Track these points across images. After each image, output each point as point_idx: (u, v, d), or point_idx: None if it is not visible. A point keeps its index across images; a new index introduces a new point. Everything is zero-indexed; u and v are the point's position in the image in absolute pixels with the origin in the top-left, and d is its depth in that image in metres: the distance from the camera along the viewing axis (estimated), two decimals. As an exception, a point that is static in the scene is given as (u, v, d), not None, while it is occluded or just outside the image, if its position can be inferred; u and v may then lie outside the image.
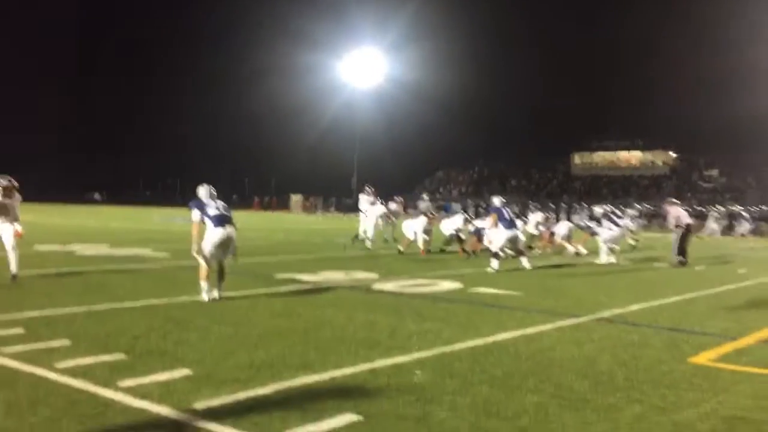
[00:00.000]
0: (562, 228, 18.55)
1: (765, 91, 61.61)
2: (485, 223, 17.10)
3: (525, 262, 13.43)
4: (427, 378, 5.06)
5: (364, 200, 21.30)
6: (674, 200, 17.61)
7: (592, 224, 17.02)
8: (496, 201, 14.30)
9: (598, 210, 17.68)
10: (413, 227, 17.42)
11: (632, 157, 71.57)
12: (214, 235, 8.59)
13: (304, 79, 73.15)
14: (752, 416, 4.36)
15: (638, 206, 38.86)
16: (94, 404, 4.24)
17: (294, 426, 3.95)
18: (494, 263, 13.00)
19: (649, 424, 4.15)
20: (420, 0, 71.94)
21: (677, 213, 16.06)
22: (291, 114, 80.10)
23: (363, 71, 60.95)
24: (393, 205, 23.08)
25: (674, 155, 69.28)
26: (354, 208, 29.68)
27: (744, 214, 26.34)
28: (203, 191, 9.01)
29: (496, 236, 13.52)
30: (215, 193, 9.06)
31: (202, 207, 8.77)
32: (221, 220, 8.67)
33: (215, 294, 8.44)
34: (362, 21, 75.68)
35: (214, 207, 8.78)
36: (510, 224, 13.50)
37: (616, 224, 16.42)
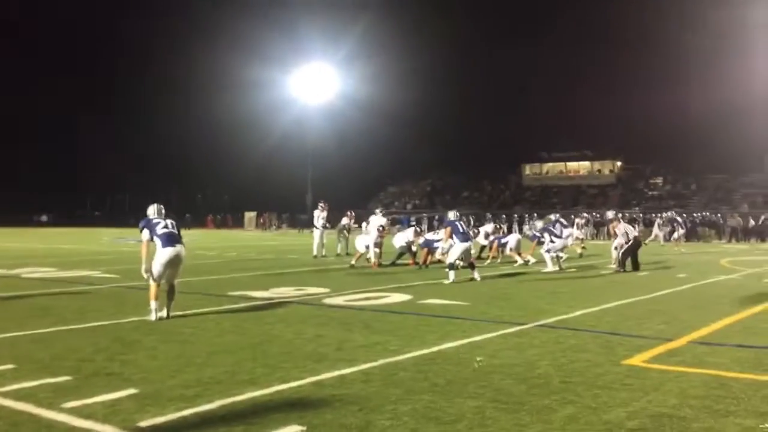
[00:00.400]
0: (511, 239, 18.97)
1: (706, 100, 63.83)
2: (437, 236, 17.40)
3: (476, 274, 13.69)
4: (370, 388, 5.19)
5: (318, 216, 21.50)
6: (618, 217, 18.18)
7: (539, 234, 17.43)
8: (451, 215, 14.57)
9: (538, 223, 18.29)
10: (365, 241, 17.61)
11: (581, 167, 73.20)
12: (163, 254, 8.59)
13: (254, 94, 72.98)
14: (678, 413, 4.60)
15: (586, 215, 39.75)
16: (37, 426, 4.26)
17: (238, 439, 4.04)
18: (451, 275, 13.23)
19: (580, 424, 4.36)
20: (371, 16, 72.65)
21: (624, 229, 16.63)
22: (241, 129, 79.64)
23: (313, 86, 61.04)
24: (345, 220, 23.28)
25: (620, 164, 71.09)
26: (309, 224, 29.81)
27: (678, 219, 27.18)
28: (152, 210, 9.03)
29: (452, 249, 13.77)
30: (164, 212, 9.08)
31: (151, 226, 8.77)
32: (170, 239, 8.68)
33: (163, 313, 8.44)
34: (312, 36, 75.93)
35: (162, 225, 8.79)
36: (465, 237, 13.77)
37: (559, 234, 16.87)
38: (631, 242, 16.18)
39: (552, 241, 16.49)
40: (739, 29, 54.54)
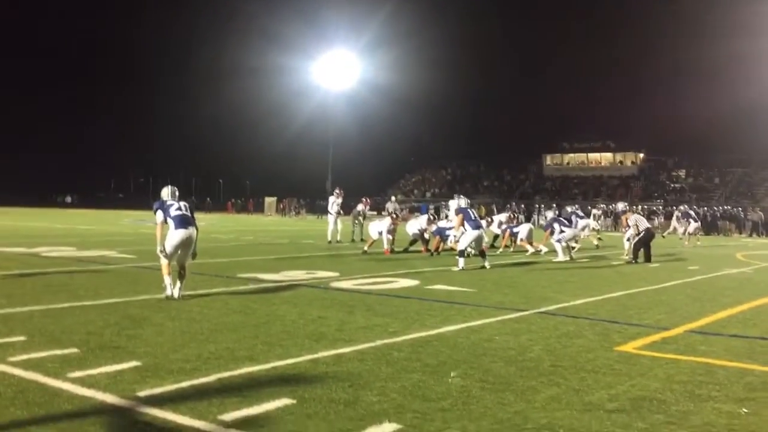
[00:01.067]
0: (523, 229, 19.01)
1: (730, 94, 62.97)
2: (449, 223, 17.51)
3: (486, 262, 13.80)
4: (364, 366, 5.37)
5: (333, 202, 21.72)
6: (629, 209, 18.33)
7: (550, 224, 17.49)
8: (462, 202, 14.70)
9: (549, 213, 18.40)
10: (378, 227, 17.79)
11: (602, 158, 72.68)
12: (175, 235, 8.80)
13: (278, 81, 73.44)
14: (659, 396, 4.72)
15: (603, 206, 39.58)
16: (42, 393, 4.49)
17: (230, 410, 4.23)
18: (461, 262, 13.35)
19: (561, 404, 4.50)
20: (393, 4, 72.54)
21: (635, 221, 16.62)
22: (264, 116, 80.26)
23: (336, 74, 61.12)
24: (360, 206, 23.48)
25: (643, 156, 70.47)
26: (327, 210, 30.11)
27: (690, 212, 26.97)
28: (166, 192, 9.23)
29: (463, 236, 13.88)
30: (178, 194, 9.29)
31: (165, 208, 8.98)
32: (183, 221, 8.88)
33: (175, 293, 8.66)
34: (335, 24, 76.03)
35: (176, 208, 8.99)
36: (476, 224, 13.88)
37: (568, 224, 16.94)
38: (642, 234, 16.18)
39: (562, 231, 16.54)
40: (764, 27, 53.63)
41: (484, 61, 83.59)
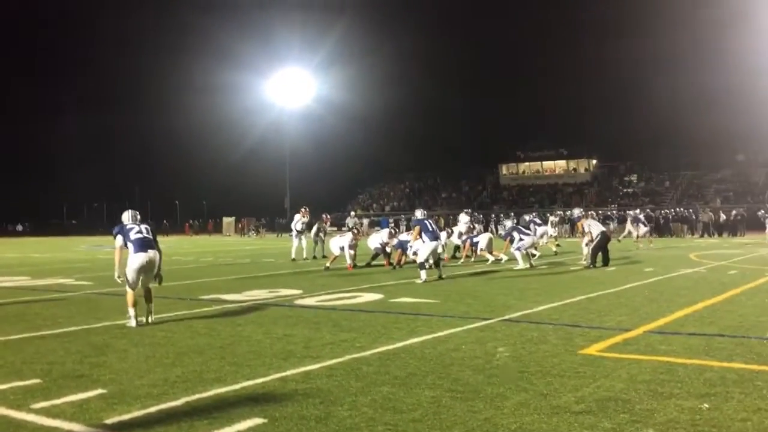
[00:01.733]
0: (482, 239, 19.19)
1: (678, 98, 64.82)
2: (410, 236, 17.62)
3: (440, 271, 13.95)
4: (333, 382, 5.37)
5: (298, 220, 21.69)
6: (583, 214, 18.75)
7: (509, 233, 17.74)
8: (419, 214, 14.85)
9: (507, 222, 18.80)
10: (339, 243, 17.79)
11: (556, 166, 73.95)
12: (135, 259, 8.65)
13: (231, 99, 73.10)
14: (623, 396, 4.84)
15: (560, 213, 40.27)
16: (7, 425, 4.39)
17: (201, 432, 4.20)
18: (423, 274, 13.41)
19: (530, 409, 4.58)
20: (346, 22, 73.08)
21: (589, 226, 16.94)
22: (218, 134, 79.68)
23: (290, 91, 61.11)
24: (320, 223, 23.46)
25: (595, 163, 71.92)
26: (287, 229, 30.07)
27: (640, 217, 27.72)
28: (126, 216, 9.07)
29: (421, 248, 13.96)
30: (139, 217, 9.15)
31: (124, 232, 8.83)
32: (143, 245, 8.72)
33: (143, 319, 8.48)
34: (288, 42, 75.93)
35: (136, 231, 8.84)
36: (434, 236, 13.97)
37: (527, 232, 17.24)
38: (598, 238, 16.51)
39: (521, 239, 16.80)
40: (711, 27, 55.48)
41: (436, 76, 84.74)
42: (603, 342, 6.84)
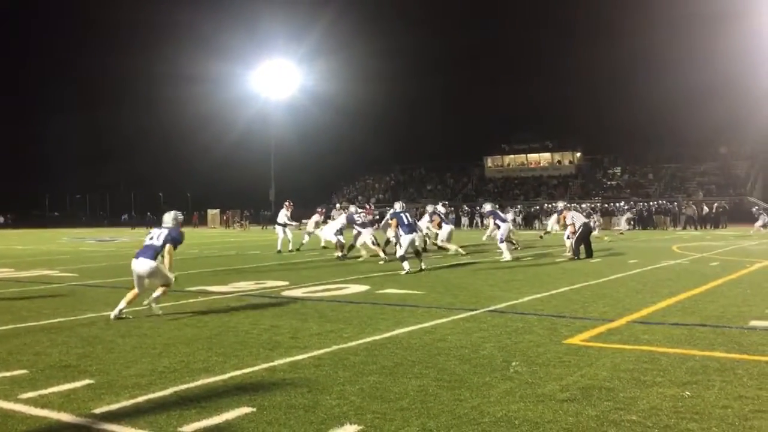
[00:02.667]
0: (444, 231, 18.99)
1: (662, 91, 65.26)
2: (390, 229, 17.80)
3: (423, 263, 14.04)
4: (320, 372, 5.41)
5: (283, 213, 21.75)
6: (566, 206, 18.94)
7: (487, 216, 18.21)
8: (397, 206, 14.99)
9: (486, 206, 19.14)
10: (332, 229, 18.03)
11: (541, 158, 74.25)
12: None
13: (216, 90, 72.74)
14: (607, 385, 4.91)
15: (519, 207, 40.94)
16: (-6, 416, 4.39)
17: (190, 422, 4.22)
18: (405, 265, 13.46)
19: (515, 398, 4.64)
20: (331, 14, 72.87)
21: (572, 218, 17.09)
22: (203, 125, 79.26)
23: (275, 82, 60.82)
24: (316, 217, 23.59)
25: (580, 155, 72.30)
26: (272, 221, 30.09)
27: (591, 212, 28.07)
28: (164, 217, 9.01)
29: (399, 241, 14.05)
30: (175, 219, 9.00)
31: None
32: (139, 251, 8.65)
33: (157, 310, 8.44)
34: (273, 33, 75.77)
35: (149, 236, 8.73)
36: (410, 228, 14.03)
37: (504, 218, 17.78)
38: (581, 230, 16.64)
39: (498, 227, 17.19)
40: (694, 22, 55.87)
41: (422, 68, 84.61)
42: (587, 332, 6.93)
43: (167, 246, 8.57)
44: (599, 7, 78.30)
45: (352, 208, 15.55)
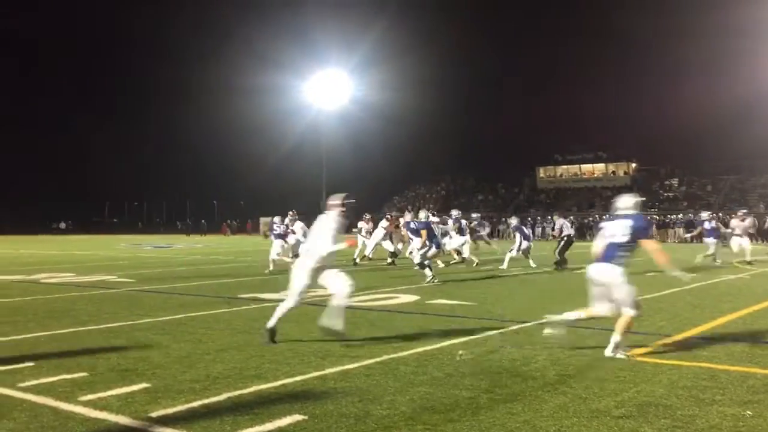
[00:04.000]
0: (456, 240, 18.46)
1: (720, 100, 63.53)
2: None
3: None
4: (371, 381, 5.42)
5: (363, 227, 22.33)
6: (560, 213, 19.33)
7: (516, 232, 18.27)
8: (422, 215, 15.47)
9: (512, 220, 19.49)
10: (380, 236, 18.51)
11: (595, 169, 73.02)
12: None
13: (269, 100, 73.45)
14: (664, 402, 4.79)
15: (571, 218, 40.49)
16: (56, 417, 4.53)
17: (243, 428, 4.29)
18: (428, 273, 13.62)
19: (568, 413, 4.56)
20: (384, 23, 73.24)
21: (560, 224, 17.37)
22: (257, 135, 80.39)
23: (328, 92, 61.41)
24: (362, 224, 23.71)
25: (635, 166, 70.85)
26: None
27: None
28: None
29: (427, 249, 14.31)
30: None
31: None
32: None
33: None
34: (327, 43, 76.28)
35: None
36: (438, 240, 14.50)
37: (528, 235, 18.29)
38: (564, 240, 16.96)
39: (522, 241, 17.60)
40: (752, 29, 54.25)
41: (474, 78, 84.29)
42: (643, 347, 6.77)
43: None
44: (655, 16, 76.80)
45: (422, 214, 15.60)
